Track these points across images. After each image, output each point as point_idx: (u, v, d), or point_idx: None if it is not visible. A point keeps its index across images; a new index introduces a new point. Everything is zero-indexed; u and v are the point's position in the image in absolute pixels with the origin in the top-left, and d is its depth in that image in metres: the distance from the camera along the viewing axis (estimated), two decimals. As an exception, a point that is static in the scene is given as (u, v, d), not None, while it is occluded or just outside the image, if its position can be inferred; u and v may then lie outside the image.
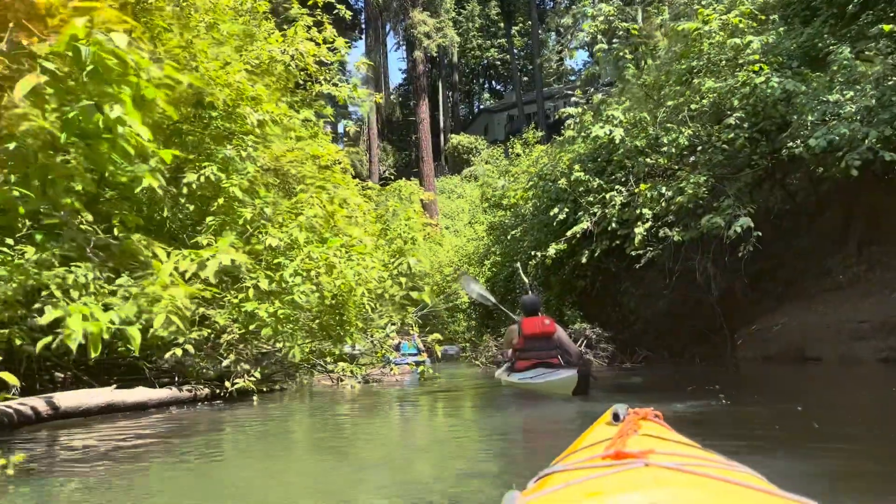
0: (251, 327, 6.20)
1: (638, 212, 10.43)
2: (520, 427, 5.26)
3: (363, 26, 51.65)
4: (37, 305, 4.49)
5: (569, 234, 11.35)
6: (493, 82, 68.66)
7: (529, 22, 52.31)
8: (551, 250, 11.62)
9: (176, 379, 6.60)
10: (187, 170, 6.41)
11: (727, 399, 4.91)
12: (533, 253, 12.41)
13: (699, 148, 10.38)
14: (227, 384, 6.28)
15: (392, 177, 31.55)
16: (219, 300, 6.30)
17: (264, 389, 6.68)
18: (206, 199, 6.91)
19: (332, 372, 8.09)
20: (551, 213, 12.01)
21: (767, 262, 10.55)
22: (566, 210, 11.77)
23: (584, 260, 11.53)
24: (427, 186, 36.74)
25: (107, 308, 4.33)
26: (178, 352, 5.79)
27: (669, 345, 11.55)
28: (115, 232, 4.69)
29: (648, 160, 10.88)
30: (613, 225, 10.88)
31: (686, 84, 11.09)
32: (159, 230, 6.96)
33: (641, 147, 10.91)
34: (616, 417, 1.48)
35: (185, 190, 6.81)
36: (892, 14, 9.72)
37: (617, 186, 11.25)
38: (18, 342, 4.74)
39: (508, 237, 14.99)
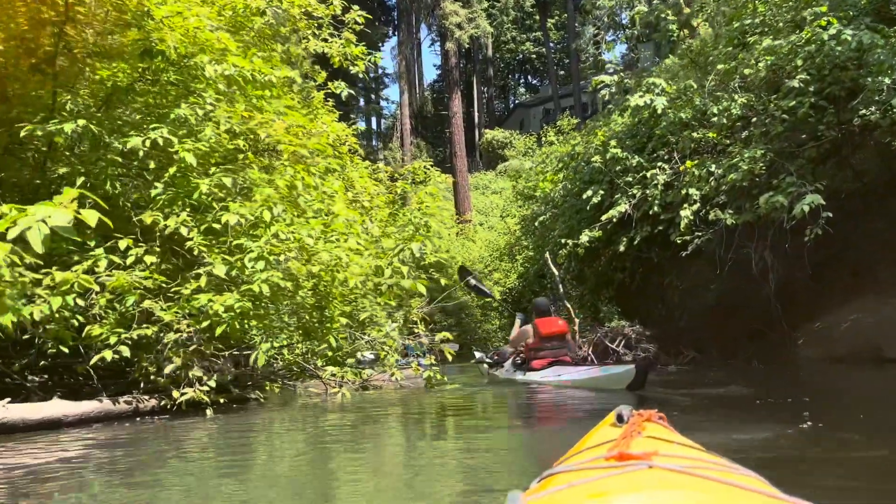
0: (205, 324, 5.03)
1: (683, 193, 9.12)
2: (522, 428, 5.07)
3: (395, 22, 51.19)
4: None
5: (604, 218, 10.01)
6: (529, 77, 67.48)
7: (566, 14, 51.03)
8: (584, 238, 10.23)
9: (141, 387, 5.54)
10: (134, 134, 5.28)
11: (815, 420, 3.56)
12: (564, 241, 11.05)
13: (754, 119, 9.08)
14: (176, 394, 5.12)
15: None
16: (166, 290, 5.16)
17: (222, 401, 5.51)
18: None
19: (318, 377, 6.92)
20: (584, 196, 10.64)
21: (833, 249, 9.16)
22: (601, 192, 10.41)
23: (621, 249, 10.20)
24: (460, 182, 35.68)
25: None
26: (108, 355, 4.67)
27: (720, 344, 10.19)
28: None
29: (695, 134, 9.57)
30: (655, 208, 9.55)
31: (739, 47, 9.78)
32: (116, 211, 5.85)
33: (687, 119, 9.61)
34: (620, 419, 1.43)
35: (151, 164, 5.74)
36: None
37: (659, 164, 9.89)
38: None
39: (537, 223, 13.58)
